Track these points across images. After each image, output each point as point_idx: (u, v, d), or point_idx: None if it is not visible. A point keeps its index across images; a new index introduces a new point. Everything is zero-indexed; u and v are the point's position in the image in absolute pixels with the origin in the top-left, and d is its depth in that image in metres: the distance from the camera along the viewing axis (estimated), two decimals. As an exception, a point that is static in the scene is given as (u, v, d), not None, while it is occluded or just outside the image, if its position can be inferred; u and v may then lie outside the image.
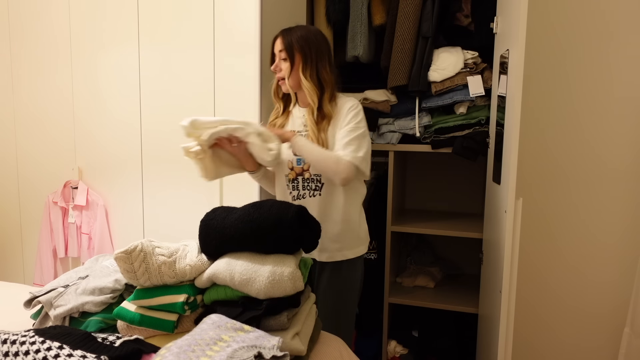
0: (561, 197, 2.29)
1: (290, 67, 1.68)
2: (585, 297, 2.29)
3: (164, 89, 2.28)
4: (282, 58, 1.70)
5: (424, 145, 2.23)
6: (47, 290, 1.51)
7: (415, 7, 2.13)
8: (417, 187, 2.70)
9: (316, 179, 1.73)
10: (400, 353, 2.30)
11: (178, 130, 1.65)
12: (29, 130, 2.58)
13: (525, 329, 2.37)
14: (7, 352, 1.14)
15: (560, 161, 2.27)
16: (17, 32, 2.54)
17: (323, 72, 1.70)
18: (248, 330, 1.20)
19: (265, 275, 1.28)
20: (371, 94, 2.28)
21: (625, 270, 2.21)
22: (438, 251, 2.67)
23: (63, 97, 2.47)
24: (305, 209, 1.44)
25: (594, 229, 2.25)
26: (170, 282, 1.36)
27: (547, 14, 2.22)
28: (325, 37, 1.75)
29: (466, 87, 2.11)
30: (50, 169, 2.55)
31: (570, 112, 2.24)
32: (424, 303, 2.29)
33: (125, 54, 2.32)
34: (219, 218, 1.42)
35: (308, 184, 1.73)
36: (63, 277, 1.60)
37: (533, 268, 2.34)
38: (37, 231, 2.58)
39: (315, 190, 1.73)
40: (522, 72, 1.54)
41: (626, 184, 2.19)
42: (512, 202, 1.61)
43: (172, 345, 1.11)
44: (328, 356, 1.41)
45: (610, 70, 2.17)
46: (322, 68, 1.70)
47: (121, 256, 1.33)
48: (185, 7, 2.20)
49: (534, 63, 2.22)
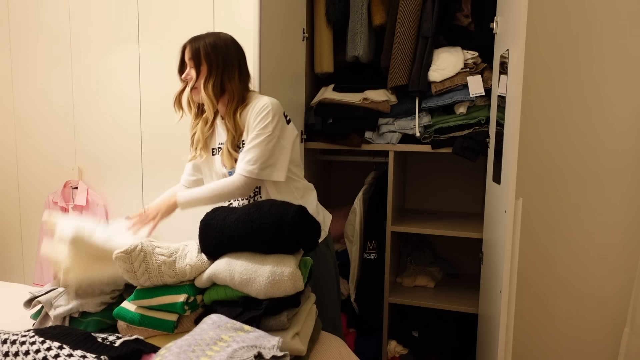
0: (561, 197, 2.29)
1: (196, 76, 1.63)
2: (586, 296, 2.29)
3: (164, 89, 2.28)
4: (191, 67, 1.63)
5: (424, 145, 2.23)
6: (47, 290, 1.51)
7: (415, 7, 2.13)
8: (417, 187, 2.70)
9: None
10: (400, 353, 2.30)
11: (178, 131, 1.65)
12: (29, 130, 2.58)
13: (525, 328, 2.37)
14: (7, 352, 1.14)
15: (560, 161, 2.27)
16: (17, 32, 2.54)
17: (229, 83, 1.62)
18: (248, 330, 1.20)
19: (265, 275, 1.28)
20: (371, 94, 2.28)
21: (625, 269, 2.21)
22: (438, 251, 2.67)
23: (63, 97, 2.47)
24: (306, 209, 1.44)
25: (594, 229, 2.25)
26: (170, 282, 1.36)
27: (547, 14, 2.22)
28: (236, 44, 1.67)
29: (466, 87, 2.11)
30: (50, 169, 2.55)
31: (570, 112, 2.24)
32: (424, 303, 2.29)
33: (125, 54, 2.32)
34: (219, 218, 1.42)
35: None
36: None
37: (533, 268, 2.34)
38: (37, 231, 2.58)
39: (255, 196, 1.69)
40: (522, 72, 1.54)
41: (626, 183, 2.19)
42: (512, 202, 1.60)
43: (172, 345, 1.11)
44: (328, 356, 1.41)
45: (610, 70, 2.17)
46: (229, 78, 1.62)
47: (121, 256, 1.33)
48: (185, 7, 2.20)
49: (534, 63, 2.22)
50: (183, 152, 2.31)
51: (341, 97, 2.30)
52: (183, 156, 2.32)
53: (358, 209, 2.28)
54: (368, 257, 2.28)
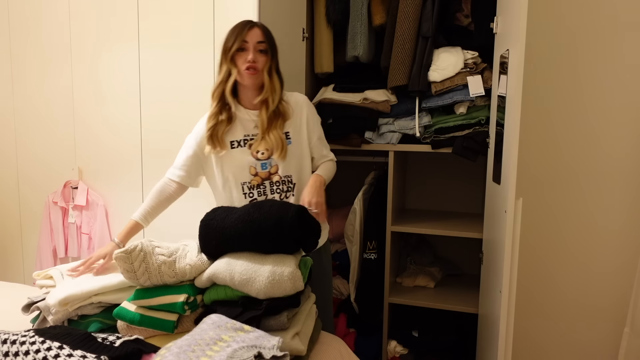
0: (561, 197, 2.29)
1: (271, 61, 1.60)
2: (586, 297, 2.29)
3: (164, 89, 2.29)
4: (260, 50, 1.58)
5: (424, 145, 2.23)
6: (44, 295, 1.51)
7: (415, 7, 2.13)
8: (417, 187, 2.70)
9: (287, 180, 1.66)
10: (400, 353, 2.30)
11: (178, 131, 1.65)
12: (29, 130, 2.58)
13: (525, 329, 2.37)
14: (7, 352, 1.14)
15: (561, 161, 2.27)
16: (17, 32, 2.54)
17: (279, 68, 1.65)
18: (248, 330, 1.20)
19: (265, 275, 1.28)
20: (371, 94, 2.28)
21: (625, 269, 2.21)
22: (438, 251, 2.67)
23: (63, 97, 2.48)
24: (306, 209, 1.45)
25: (594, 228, 2.25)
26: (170, 281, 1.36)
27: (547, 13, 2.22)
28: None
29: (466, 87, 2.11)
30: (50, 169, 2.55)
31: (570, 112, 2.24)
32: (424, 303, 2.29)
33: (126, 53, 2.32)
34: (219, 218, 1.43)
35: (278, 186, 1.65)
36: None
37: (533, 268, 2.34)
38: (37, 231, 2.58)
39: (287, 192, 1.66)
40: (522, 72, 1.54)
41: (626, 183, 2.19)
42: (512, 202, 1.60)
43: (172, 345, 1.11)
44: (328, 356, 1.41)
45: (610, 70, 2.17)
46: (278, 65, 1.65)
47: (121, 256, 1.33)
48: (185, 7, 2.21)
49: (534, 63, 2.22)
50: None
51: (341, 97, 2.30)
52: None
53: (358, 209, 2.28)
54: (368, 257, 2.28)
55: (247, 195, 1.65)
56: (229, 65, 1.59)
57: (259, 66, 1.57)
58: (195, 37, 2.20)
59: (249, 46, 1.57)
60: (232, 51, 1.57)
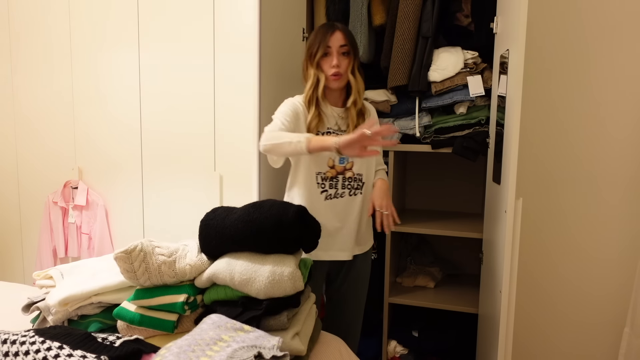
0: (561, 197, 2.29)
1: (353, 61, 1.69)
2: (586, 296, 2.29)
3: (163, 90, 2.29)
4: (343, 52, 1.67)
5: (424, 145, 2.23)
6: (43, 295, 1.51)
7: (415, 7, 2.13)
8: (417, 187, 2.70)
9: (358, 178, 1.75)
10: (400, 353, 2.30)
11: (178, 131, 1.65)
12: (29, 130, 2.58)
13: (525, 328, 2.37)
14: (7, 352, 1.14)
15: (560, 161, 2.27)
16: (17, 33, 2.54)
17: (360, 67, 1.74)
18: (248, 330, 1.20)
19: (265, 275, 1.28)
20: (371, 94, 2.27)
21: (625, 269, 2.21)
22: (438, 251, 2.67)
23: (63, 97, 2.48)
24: (306, 209, 1.44)
25: (594, 228, 2.25)
26: (170, 281, 1.36)
27: (547, 14, 2.22)
28: None
29: (466, 87, 2.11)
30: (50, 169, 2.55)
31: (570, 112, 2.24)
32: (424, 303, 2.29)
33: (125, 54, 2.32)
34: (219, 218, 1.43)
35: (349, 183, 1.74)
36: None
37: (533, 268, 2.34)
38: (37, 231, 2.58)
39: (357, 189, 1.75)
40: (522, 72, 1.54)
41: (626, 183, 2.19)
42: (512, 202, 1.60)
43: (172, 345, 1.11)
44: (328, 356, 1.41)
45: (610, 70, 2.17)
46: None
47: (121, 256, 1.33)
48: (186, 8, 2.21)
49: (534, 63, 2.22)
50: (183, 152, 2.32)
51: (341, 97, 2.30)
52: (183, 156, 2.33)
53: (358, 209, 2.28)
54: (368, 257, 2.28)
55: (320, 185, 1.71)
56: (316, 71, 1.68)
57: (342, 70, 1.67)
58: (196, 37, 2.20)
59: (332, 51, 1.66)
60: (317, 58, 1.67)
